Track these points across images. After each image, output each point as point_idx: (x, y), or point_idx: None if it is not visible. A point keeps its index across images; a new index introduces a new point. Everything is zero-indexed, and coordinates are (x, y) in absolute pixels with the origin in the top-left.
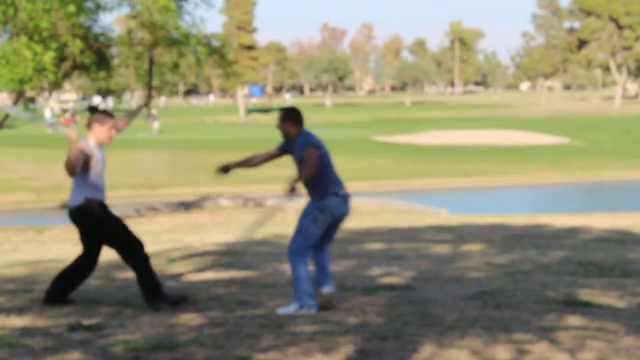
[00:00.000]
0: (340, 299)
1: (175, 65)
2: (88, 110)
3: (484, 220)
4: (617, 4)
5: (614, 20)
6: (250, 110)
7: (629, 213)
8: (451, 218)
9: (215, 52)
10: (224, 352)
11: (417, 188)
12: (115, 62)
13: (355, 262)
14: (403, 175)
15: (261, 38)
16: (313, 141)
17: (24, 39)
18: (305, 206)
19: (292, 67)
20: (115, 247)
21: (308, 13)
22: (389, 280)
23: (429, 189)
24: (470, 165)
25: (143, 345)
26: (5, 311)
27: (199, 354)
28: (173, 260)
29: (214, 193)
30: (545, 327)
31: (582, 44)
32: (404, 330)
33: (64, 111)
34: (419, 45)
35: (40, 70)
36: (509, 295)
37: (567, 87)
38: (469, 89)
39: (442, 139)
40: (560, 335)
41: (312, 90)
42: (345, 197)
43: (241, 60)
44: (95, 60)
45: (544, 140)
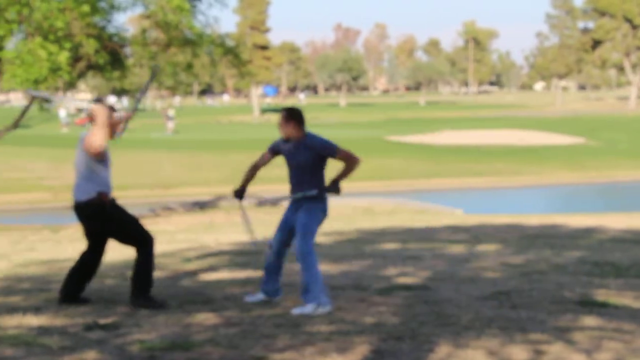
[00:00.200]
0: (356, 298)
1: (189, 66)
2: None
3: (499, 220)
4: (632, 4)
5: (628, 20)
6: (264, 110)
7: None
8: (466, 218)
9: (230, 52)
10: (239, 352)
11: (431, 188)
12: (130, 62)
13: (370, 262)
14: (417, 175)
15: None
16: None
17: (38, 39)
18: (306, 206)
19: (306, 67)
20: (125, 242)
21: (322, 13)
22: (405, 280)
23: (443, 189)
24: (485, 165)
25: (159, 344)
26: (22, 310)
27: (215, 353)
28: (188, 260)
29: (229, 193)
30: (561, 328)
31: (597, 44)
32: (420, 331)
33: (79, 111)
34: (433, 45)
35: (55, 70)
36: (524, 295)
37: (582, 87)
38: (483, 89)
39: (456, 139)
40: (577, 336)
41: (326, 90)
42: None
43: (255, 60)
44: (109, 60)
45: (558, 140)
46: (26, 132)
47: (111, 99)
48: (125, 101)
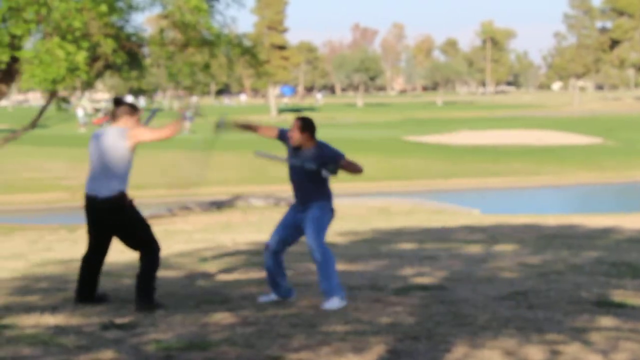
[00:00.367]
0: (372, 298)
1: (206, 66)
2: (114, 102)
3: (516, 220)
4: None
5: None
6: (282, 110)
7: None
8: (483, 218)
9: (247, 52)
10: (255, 352)
11: (449, 188)
12: (147, 62)
13: (386, 262)
14: (434, 175)
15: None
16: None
17: (56, 39)
18: (318, 206)
19: (324, 67)
20: (134, 244)
21: (339, 13)
22: (421, 281)
23: (460, 189)
24: (502, 165)
25: (175, 344)
26: (39, 310)
27: (231, 353)
28: (205, 260)
29: (246, 192)
30: (578, 328)
31: (615, 43)
32: (436, 331)
33: (97, 110)
34: (451, 45)
35: (73, 69)
36: (541, 295)
37: (600, 87)
38: (500, 89)
39: (474, 139)
40: (593, 336)
41: (344, 90)
42: None
43: (272, 60)
44: (127, 60)
45: (576, 140)
46: (44, 132)
47: (129, 99)
48: (142, 101)
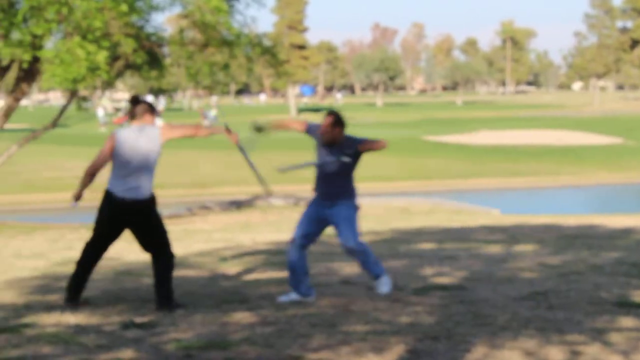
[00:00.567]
0: (391, 298)
1: (226, 65)
2: (131, 101)
3: (536, 220)
4: None
5: None
6: (301, 110)
7: None
8: (503, 218)
9: (267, 52)
10: (275, 351)
11: (468, 188)
12: (167, 62)
13: (406, 262)
14: (454, 175)
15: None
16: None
17: (77, 39)
18: (345, 205)
19: (343, 67)
20: (152, 244)
21: (359, 12)
22: (441, 280)
23: (480, 189)
24: (522, 165)
25: (195, 343)
26: (60, 308)
27: (251, 352)
28: (224, 259)
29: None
30: (598, 329)
31: (635, 43)
32: (456, 331)
33: (117, 110)
34: (470, 45)
35: (94, 69)
36: (561, 296)
37: (620, 87)
38: (520, 89)
39: (494, 138)
40: (614, 337)
41: (363, 89)
42: None
43: (292, 60)
44: (147, 60)
45: (596, 140)
46: (64, 132)
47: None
48: (162, 100)
